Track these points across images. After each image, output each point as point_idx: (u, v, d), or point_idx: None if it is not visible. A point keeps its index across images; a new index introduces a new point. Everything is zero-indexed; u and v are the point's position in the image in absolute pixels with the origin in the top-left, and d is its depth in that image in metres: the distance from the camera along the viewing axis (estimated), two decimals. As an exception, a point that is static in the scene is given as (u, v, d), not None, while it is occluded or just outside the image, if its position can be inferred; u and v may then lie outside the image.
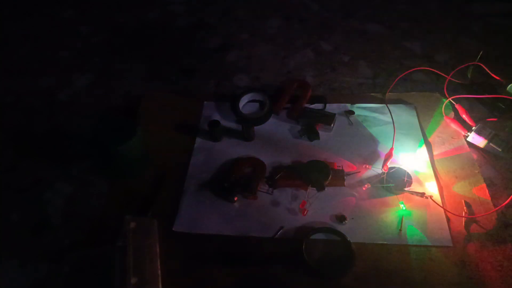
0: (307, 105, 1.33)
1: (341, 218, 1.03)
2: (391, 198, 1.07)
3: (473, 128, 1.19)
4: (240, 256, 0.99)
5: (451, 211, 1.03)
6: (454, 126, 1.23)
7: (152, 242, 0.98)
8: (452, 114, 1.28)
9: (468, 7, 1.75)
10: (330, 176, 1.09)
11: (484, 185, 1.09)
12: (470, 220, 1.02)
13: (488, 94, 1.30)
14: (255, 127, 1.26)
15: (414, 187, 1.08)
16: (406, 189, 1.07)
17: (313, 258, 0.97)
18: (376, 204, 1.07)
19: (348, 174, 1.13)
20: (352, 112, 1.30)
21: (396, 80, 1.40)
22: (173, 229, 1.04)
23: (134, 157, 1.13)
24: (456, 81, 1.39)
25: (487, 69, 1.39)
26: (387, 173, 1.09)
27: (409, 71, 1.44)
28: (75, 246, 1.03)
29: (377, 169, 1.13)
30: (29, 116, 1.41)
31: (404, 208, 1.04)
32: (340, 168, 1.13)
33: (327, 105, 1.34)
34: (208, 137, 1.26)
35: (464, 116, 1.25)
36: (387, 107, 1.31)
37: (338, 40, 1.64)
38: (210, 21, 1.79)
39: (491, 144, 1.15)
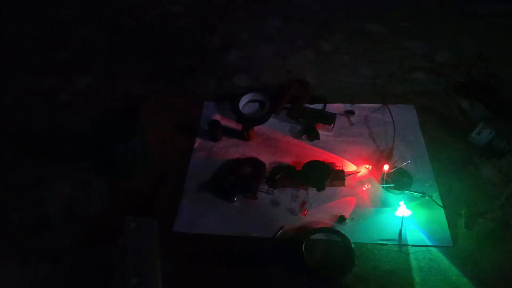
0: (307, 105, 1.33)
1: (341, 218, 1.03)
2: (392, 198, 1.07)
3: (474, 128, 1.19)
4: (240, 256, 0.99)
5: (451, 211, 1.03)
6: (453, 126, 1.23)
7: (152, 242, 0.98)
8: (452, 114, 1.28)
9: (468, 7, 1.75)
10: (330, 176, 1.09)
11: (483, 185, 1.09)
12: (471, 220, 1.01)
13: (488, 94, 1.30)
14: (255, 127, 1.26)
15: (414, 187, 1.08)
16: (406, 189, 1.07)
17: (313, 258, 0.97)
18: (376, 204, 1.07)
19: (348, 174, 1.13)
20: (352, 112, 1.30)
21: (396, 80, 1.40)
22: (173, 229, 1.04)
23: (133, 157, 1.13)
24: (456, 80, 1.39)
25: (487, 69, 1.39)
26: (387, 173, 1.08)
27: (409, 71, 1.44)
28: (75, 246, 1.03)
29: (377, 169, 1.13)
30: (29, 116, 1.41)
31: (404, 208, 1.04)
32: (340, 168, 1.13)
33: (327, 105, 1.34)
34: (208, 137, 1.26)
35: (463, 115, 1.25)
36: (387, 107, 1.31)
37: (338, 40, 1.64)
38: (210, 21, 1.79)
39: (491, 143, 1.15)
